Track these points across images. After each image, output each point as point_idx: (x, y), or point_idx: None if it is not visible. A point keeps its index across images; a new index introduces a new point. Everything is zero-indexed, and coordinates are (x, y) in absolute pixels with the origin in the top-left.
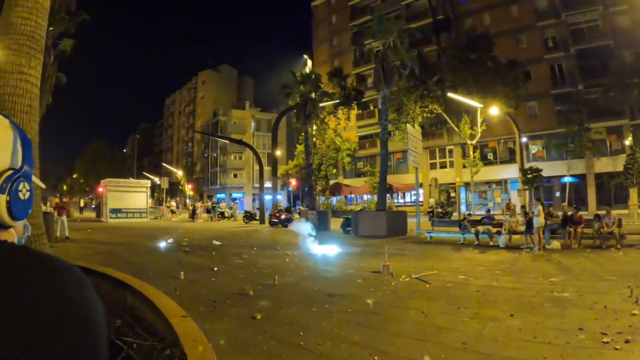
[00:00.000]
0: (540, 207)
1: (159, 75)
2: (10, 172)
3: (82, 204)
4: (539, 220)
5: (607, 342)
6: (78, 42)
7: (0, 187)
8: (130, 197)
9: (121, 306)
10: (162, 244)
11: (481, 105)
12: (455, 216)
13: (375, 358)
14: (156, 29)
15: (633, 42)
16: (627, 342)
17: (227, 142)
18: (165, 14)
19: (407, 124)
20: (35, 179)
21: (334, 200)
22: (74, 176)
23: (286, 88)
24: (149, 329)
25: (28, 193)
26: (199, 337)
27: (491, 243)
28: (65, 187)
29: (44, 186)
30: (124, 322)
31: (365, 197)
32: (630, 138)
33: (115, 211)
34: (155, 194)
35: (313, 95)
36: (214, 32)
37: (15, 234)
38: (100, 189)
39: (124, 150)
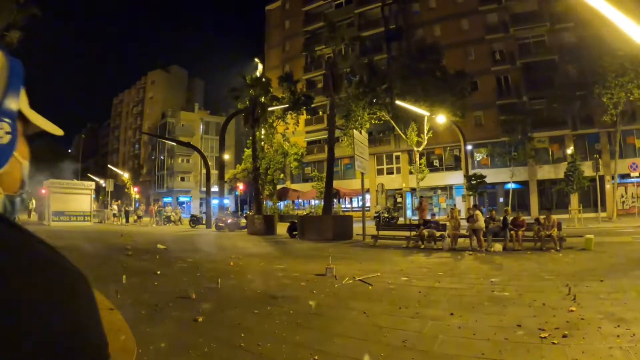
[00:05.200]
0: (477, 212)
1: (108, 73)
2: None
3: (32, 205)
4: (479, 224)
5: (545, 338)
6: (26, 36)
7: None
8: (73, 199)
9: None
10: (105, 248)
11: (428, 114)
12: (401, 221)
13: (316, 357)
14: (107, 26)
15: (577, 58)
16: (564, 336)
17: (175, 144)
18: (116, 11)
19: (354, 130)
20: (39, 121)
21: (281, 204)
22: None
23: (235, 91)
24: None
25: (7, 136)
26: (123, 327)
27: (435, 246)
28: None
29: (60, 132)
30: None
31: (313, 202)
32: (571, 147)
33: (58, 214)
34: (101, 197)
35: (262, 99)
36: (165, 32)
37: None
38: (43, 191)
39: (69, 151)
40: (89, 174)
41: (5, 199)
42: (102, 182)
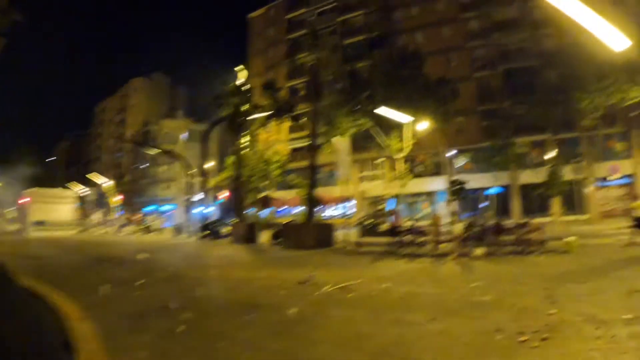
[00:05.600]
0: (454, 219)
1: (91, 81)
2: None
3: (10, 215)
4: (454, 230)
5: (525, 341)
6: (10, 43)
7: None
8: (55, 208)
9: None
10: (85, 258)
11: (411, 119)
12: (385, 227)
13: None
14: (90, 32)
15: (557, 63)
16: (543, 340)
17: (158, 152)
18: (99, 17)
19: (336, 137)
20: None
21: (265, 212)
22: None
23: (218, 99)
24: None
25: None
26: (92, 335)
27: (417, 252)
28: None
29: None
30: None
31: (296, 209)
32: (553, 151)
33: (39, 223)
34: (83, 206)
35: (245, 107)
36: (148, 38)
37: None
38: (24, 200)
39: (52, 159)
40: (71, 183)
41: None
42: (84, 190)
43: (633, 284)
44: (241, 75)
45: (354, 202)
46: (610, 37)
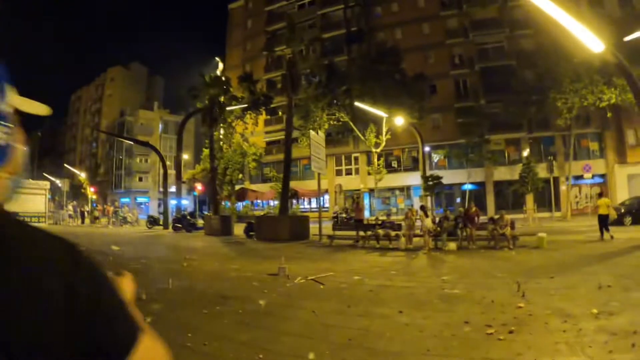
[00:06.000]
0: (422, 214)
1: (67, 68)
2: None
3: None
4: (425, 224)
5: (491, 334)
6: None
7: None
8: (27, 199)
9: None
10: None
11: (387, 115)
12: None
13: (261, 356)
14: (67, 19)
15: (534, 63)
16: (510, 332)
17: (133, 143)
18: (77, 4)
19: (311, 130)
20: (26, 107)
21: (240, 205)
22: None
23: (194, 90)
24: None
25: (6, 135)
26: None
27: (390, 246)
28: None
29: (48, 111)
30: None
31: (272, 202)
32: (527, 149)
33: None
34: (56, 198)
35: (221, 98)
36: (127, 27)
37: None
38: None
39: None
40: (44, 173)
41: (12, 180)
42: (58, 181)
43: (601, 279)
44: (218, 66)
45: (329, 195)
46: (587, 39)
